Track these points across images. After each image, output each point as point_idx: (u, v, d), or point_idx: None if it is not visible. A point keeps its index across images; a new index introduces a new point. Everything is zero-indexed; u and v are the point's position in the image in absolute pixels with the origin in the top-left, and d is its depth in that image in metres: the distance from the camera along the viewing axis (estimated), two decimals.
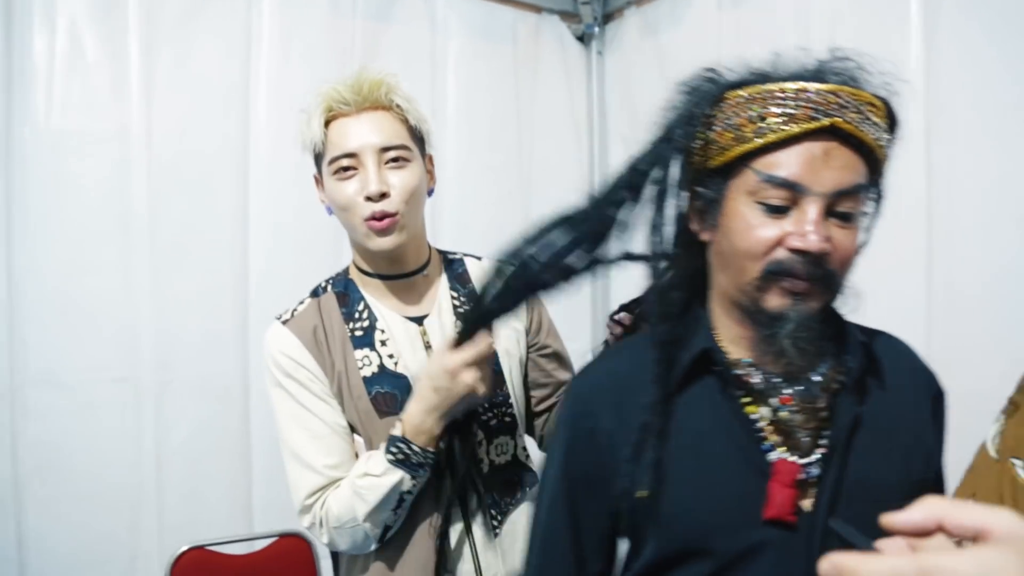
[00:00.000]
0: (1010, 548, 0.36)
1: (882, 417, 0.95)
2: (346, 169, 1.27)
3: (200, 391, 2.05)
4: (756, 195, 0.88)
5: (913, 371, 1.01)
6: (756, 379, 0.92)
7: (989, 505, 0.69)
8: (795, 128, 0.85)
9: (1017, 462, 0.72)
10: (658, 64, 2.44)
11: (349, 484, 1.25)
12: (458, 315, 1.36)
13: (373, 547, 1.27)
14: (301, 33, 2.12)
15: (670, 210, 0.95)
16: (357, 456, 1.30)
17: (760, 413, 0.92)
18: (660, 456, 0.91)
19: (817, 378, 0.93)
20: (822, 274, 0.86)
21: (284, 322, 1.32)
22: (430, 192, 1.38)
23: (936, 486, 0.98)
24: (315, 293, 1.38)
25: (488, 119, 2.47)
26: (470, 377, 1.16)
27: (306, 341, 1.29)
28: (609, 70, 2.67)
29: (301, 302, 1.36)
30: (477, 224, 2.37)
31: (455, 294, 1.40)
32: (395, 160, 1.28)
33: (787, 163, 0.86)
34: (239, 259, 2.08)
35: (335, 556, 1.46)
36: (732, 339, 0.95)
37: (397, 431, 1.22)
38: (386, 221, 1.26)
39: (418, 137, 1.34)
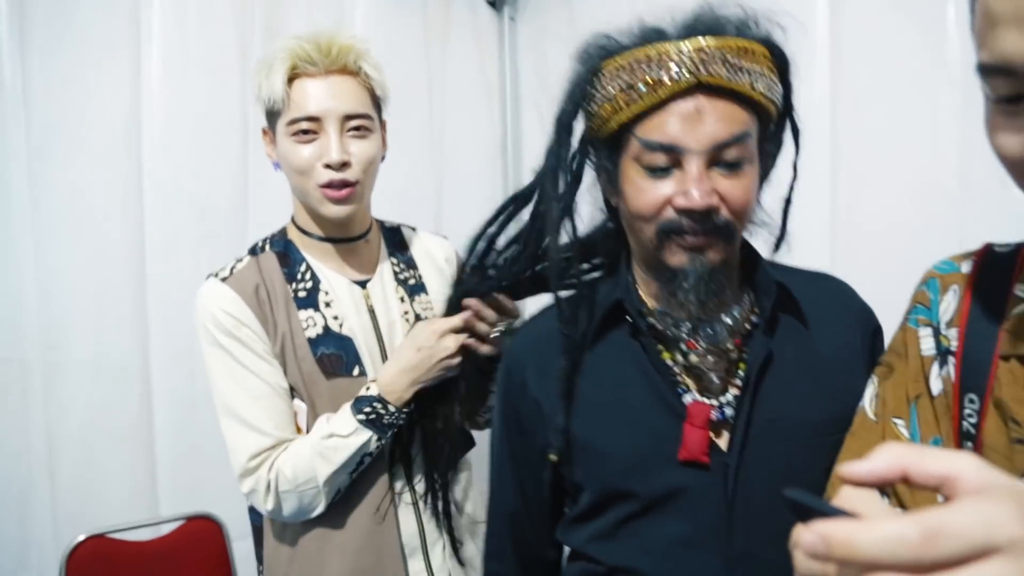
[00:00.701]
0: (1004, 496, 0.35)
1: (804, 356, 0.98)
2: (306, 132, 1.24)
3: (95, 371, 1.91)
4: (640, 160, 0.91)
5: (847, 309, 1.04)
6: (666, 327, 0.97)
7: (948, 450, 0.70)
8: (662, 92, 0.88)
9: (899, 421, 0.74)
10: (571, 31, 2.41)
11: (311, 445, 1.24)
12: (399, 281, 1.39)
13: (318, 511, 1.26)
14: None
15: (568, 182, 1.00)
16: (297, 421, 1.30)
17: (674, 358, 0.97)
18: (567, 423, 0.98)
19: (728, 320, 0.97)
20: (715, 226, 0.90)
21: (223, 279, 1.28)
22: (382, 159, 1.36)
23: None
24: (253, 251, 1.34)
25: (397, 84, 2.36)
26: (452, 341, 1.23)
27: (248, 299, 1.26)
28: (522, 36, 2.63)
29: (239, 259, 1.32)
30: (387, 190, 2.27)
31: (395, 260, 1.42)
32: (357, 129, 1.27)
33: (661, 126, 0.89)
34: (133, 229, 1.94)
35: (258, 534, 1.41)
36: (648, 292, 1.00)
37: (372, 391, 1.24)
38: (345, 191, 1.25)
39: (378, 105, 1.33)
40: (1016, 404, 0.64)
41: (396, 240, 1.46)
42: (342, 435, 1.22)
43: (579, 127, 0.99)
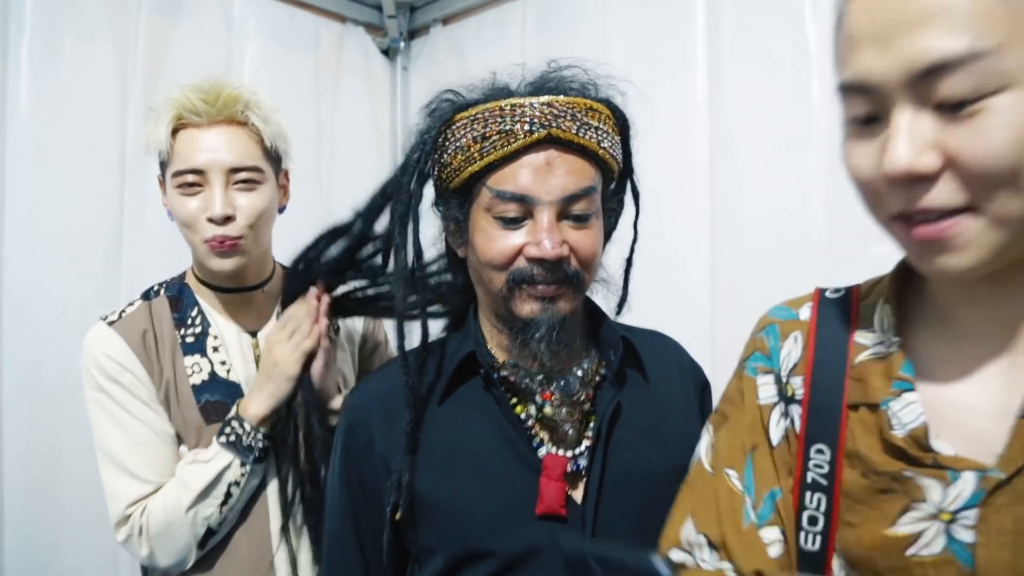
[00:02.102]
0: None
1: (648, 408, 1.01)
2: (191, 185, 1.20)
3: None
4: (492, 211, 0.93)
5: (680, 365, 1.09)
6: (519, 379, 0.96)
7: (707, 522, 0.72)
8: (515, 143, 0.91)
9: (732, 472, 0.74)
10: (463, 83, 2.45)
11: (174, 479, 1.20)
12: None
13: (193, 557, 1.20)
14: (71, 19, 1.89)
15: (411, 233, 0.99)
16: None
17: (528, 411, 0.96)
18: (412, 479, 0.94)
19: (579, 372, 0.98)
20: (565, 276, 0.92)
21: (111, 323, 1.24)
22: (282, 209, 1.34)
23: None
24: (147, 296, 1.31)
25: (286, 126, 2.34)
26: (280, 349, 1.20)
27: (134, 345, 1.23)
28: (414, 86, 2.66)
29: (131, 303, 1.29)
30: (275, 235, 2.23)
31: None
32: (245, 182, 1.23)
33: (513, 177, 0.91)
34: None
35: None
36: (499, 345, 1.00)
37: (231, 412, 1.21)
38: (227, 244, 1.21)
39: (274, 156, 1.29)
40: (873, 454, 0.65)
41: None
42: (203, 460, 1.19)
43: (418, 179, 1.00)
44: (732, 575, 0.70)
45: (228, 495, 1.20)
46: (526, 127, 0.90)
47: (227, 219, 1.21)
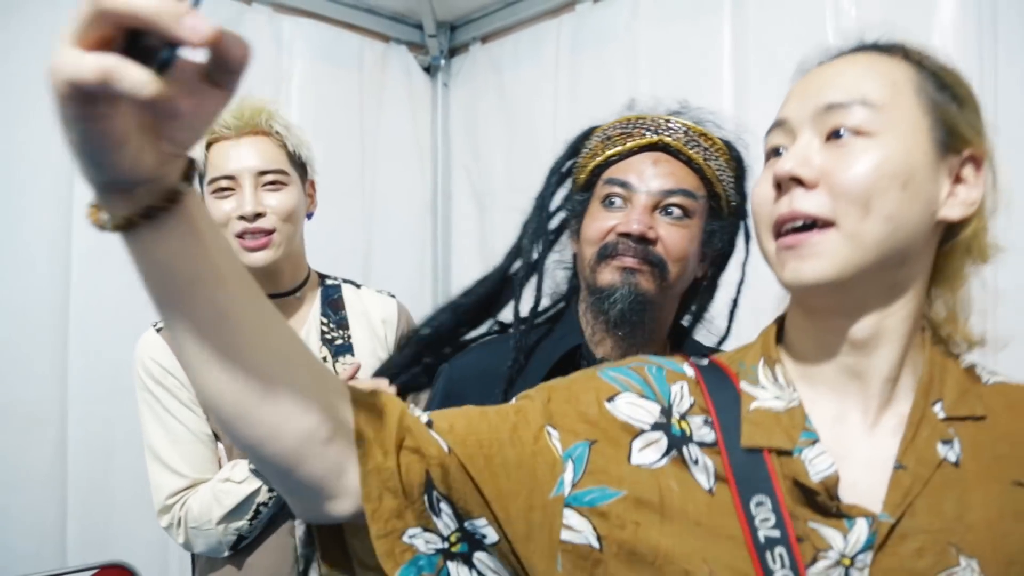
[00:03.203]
0: None
1: None
2: (224, 189, 1.35)
3: (5, 418, 1.88)
4: (601, 197, 1.08)
5: None
6: None
7: None
8: (631, 143, 1.07)
9: (552, 431, 0.73)
10: (500, 98, 2.55)
11: (210, 487, 1.30)
12: (324, 341, 1.44)
13: (226, 553, 1.31)
14: None
15: (551, 223, 1.15)
16: (221, 463, 1.35)
17: None
18: None
19: None
20: (647, 254, 1.03)
21: (158, 329, 1.38)
22: (309, 215, 1.47)
23: None
24: None
25: (332, 142, 2.45)
26: None
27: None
28: (454, 102, 2.75)
29: None
30: (317, 247, 2.33)
31: (325, 320, 1.47)
32: (272, 183, 1.37)
33: (624, 169, 1.07)
34: (57, 276, 1.93)
35: (193, 557, 1.48)
36: (595, 340, 1.09)
37: None
38: (262, 239, 1.34)
39: (298, 162, 1.42)
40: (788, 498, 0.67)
41: (332, 299, 1.51)
42: (235, 481, 1.29)
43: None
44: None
45: (257, 512, 1.30)
46: (643, 132, 1.07)
47: (257, 216, 1.34)
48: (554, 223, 1.16)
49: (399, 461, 0.65)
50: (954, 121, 0.71)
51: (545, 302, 1.16)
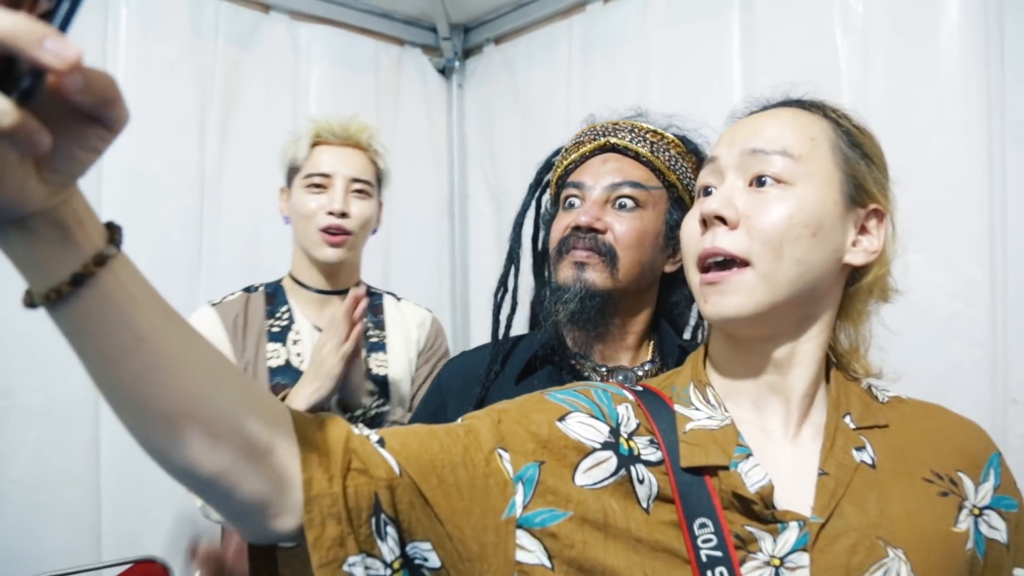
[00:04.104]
0: None
1: None
2: (318, 186, 1.53)
3: (43, 418, 1.95)
4: (562, 202, 1.15)
5: None
6: (583, 367, 1.11)
7: None
8: (583, 148, 1.16)
9: (503, 453, 0.75)
10: (515, 99, 2.58)
11: None
12: (364, 338, 1.52)
13: None
14: (160, 52, 2.10)
15: (526, 237, 1.25)
16: None
17: None
18: None
19: (640, 372, 1.11)
20: (596, 244, 1.08)
21: (213, 305, 1.55)
22: (374, 230, 1.64)
23: None
24: (247, 290, 1.61)
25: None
26: (329, 349, 1.33)
27: (226, 323, 1.52)
28: (469, 103, 2.79)
29: (233, 293, 1.59)
30: None
31: (365, 319, 1.55)
32: (359, 191, 1.55)
33: (579, 173, 1.15)
34: None
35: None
36: (572, 337, 1.14)
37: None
38: (340, 237, 1.51)
39: (380, 181, 1.61)
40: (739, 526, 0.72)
41: (374, 304, 1.66)
42: None
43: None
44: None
45: None
46: (592, 137, 1.16)
47: (343, 215, 1.50)
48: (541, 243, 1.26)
49: (345, 485, 0.63)
50: (863, 177, 0.78)
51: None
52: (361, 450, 0.66)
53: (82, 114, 0.45)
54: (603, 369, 1.10)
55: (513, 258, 1.23)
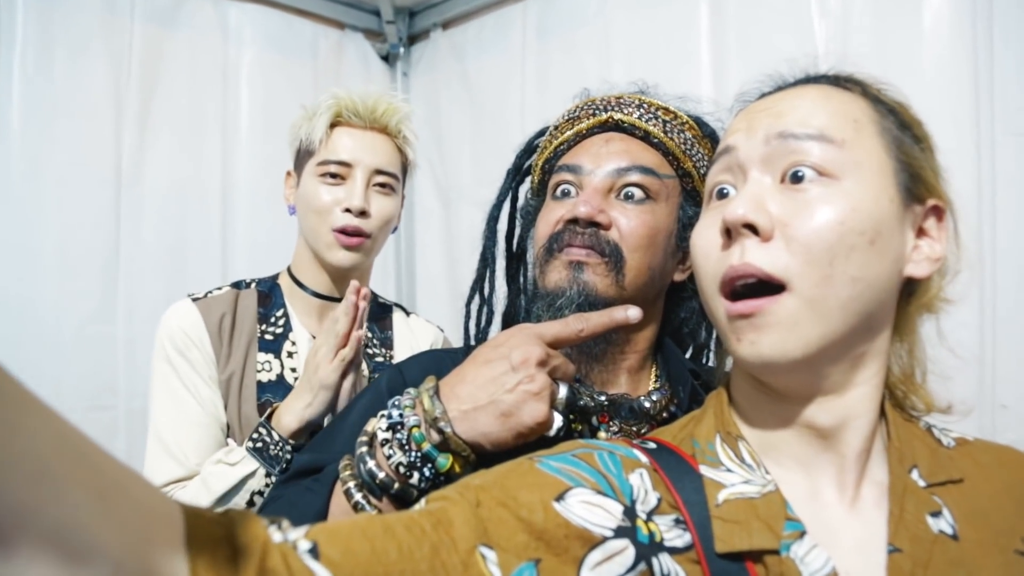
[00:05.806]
0: None
1: None
2: (334, 176, 1.27)
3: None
4: (552, 190, 0.95)
5: None
6: (580, 396, 0.89)
7: None
8: (579, 125, 0.95)
9: (488, 553, 0.55)
10: (464, 87, 2.44)
11: (199, 475, 1.18)
12: (365, 355, 1.32)
13: None
14: (63, 31, 1.86)
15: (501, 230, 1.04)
16: None
17: (580, 430, 0.89)
18: None
19: (647, 404, 0.92)
20: (597, 242, 0.88)
21: (195, 300, 1.28)
22: (395, 229, 1.39)
23: None
24: (236, 285, 1.34)
25: (283, 137, 2.31)
26: (323, 354, 1.14)
27: (209, 324, 1.26)
28: (415, 91, 2.63)
29: (219, 288, 1.32)
30: (277, 245, 2.20)
31: (370, 335, 1.39)
32: (383, 185, 1.30)
33: (575, 153, 0.94)
34: (108, 281, 1.89)
35: None
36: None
37: (262, 419, 1.18)
38: (357, 239, 1.26)
39: (406, 173, 1.36)
40: None
41: (380, 316, 1.45)
42: (228, 462, 1.16)
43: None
44: None
45: (251, 503, 1.16)
46: (591, 112, 0.94)
47: (362, 213, 1.27)
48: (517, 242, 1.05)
49: None
50: (920, 166, 0.62)
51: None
52: (282, 568, 0.46)
53: None
54: (602, 399, 0.90)
55: (488, 259, 1.02)
